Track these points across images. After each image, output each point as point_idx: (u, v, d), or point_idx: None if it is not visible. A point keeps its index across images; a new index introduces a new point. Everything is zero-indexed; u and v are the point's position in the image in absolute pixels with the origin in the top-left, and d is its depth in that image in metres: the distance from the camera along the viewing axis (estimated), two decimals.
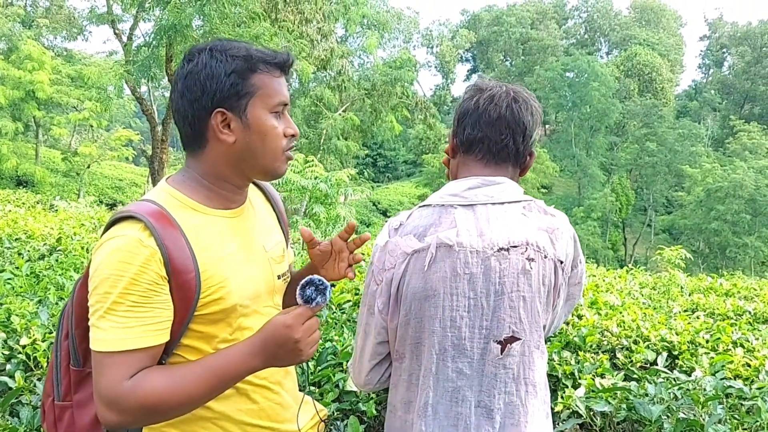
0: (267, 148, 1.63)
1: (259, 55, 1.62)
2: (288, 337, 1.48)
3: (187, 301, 1.53)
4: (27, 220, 8.53)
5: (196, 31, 18.28)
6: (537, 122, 1.82)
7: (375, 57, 31.90)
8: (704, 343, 3.81)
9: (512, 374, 1.68)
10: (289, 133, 1.66)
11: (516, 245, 1.65)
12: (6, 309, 3.49)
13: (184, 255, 1.52)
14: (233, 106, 1.60)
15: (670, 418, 2.54)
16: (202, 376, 1.48)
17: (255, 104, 1.61)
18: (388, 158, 67.60)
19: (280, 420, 1.74)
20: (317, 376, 3.04)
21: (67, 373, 1.65)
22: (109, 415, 1.45)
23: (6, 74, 33.42)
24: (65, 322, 1.67)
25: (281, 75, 1.66)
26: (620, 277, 7.27)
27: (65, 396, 1.65)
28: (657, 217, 56.26)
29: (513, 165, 1.82)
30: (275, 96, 1.62)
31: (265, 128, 1.62)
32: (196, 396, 1.48)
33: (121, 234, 1.49)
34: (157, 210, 1.55)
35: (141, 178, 41.69)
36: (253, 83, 1.60)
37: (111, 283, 1.44)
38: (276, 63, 1.64)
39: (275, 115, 1.63)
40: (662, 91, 69.41)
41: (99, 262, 1.47)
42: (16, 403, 2.66)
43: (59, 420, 1.65)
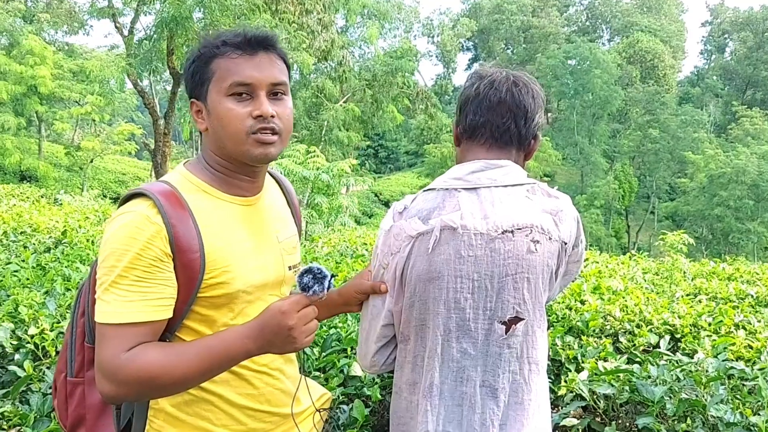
0: (226, 132, 1.61)
1: (221, 39, 1.61)
2: (282, 323, 1.48)
3: (191, 280, 1.55)
4: (32, 214, 8.57)
5: (196, 23, 18.27)
6: (539, 105, 1.83)
7: (375, 47, 31.85)
8: (706, 326, 3.83)
9: (516, 354, 1.71)
10: (255, 114, 1.60)
11: (521, 228, 1.67)
12: (13, 300, 3.53)
13: (190, 235, 1.54)
14: (199, 94, 1.64)
15: (673, 399, 2.56)
16: (198, 355, 1.49)
17: (212, 89, 1.61)
18: (390, 149, 67.46)
19: (280, 405, 1.76)
20: (322, 362, 3.07)
21: (81, 350, 1.68)
22: (105, 386, 1.47)
23: (8, 69, 33.39)
24: (82, 300, 1.70)
25: (242, 55, 1.61)
26: (623, 263, 7.28)
27: (78, 372, 1.67)
28: (660, 204, 56.17)
29: (517, 149, 1.83)
30: (228, 77, 1.59)
31: (220, 111, 1.60)
32: (190, 374, 1.49)
33: (131, 210, 1.52)
34: (168, 190, 1.58)
35: (144, 172, 41.71)
36: (210, 68, 1.61)
37: (117, 257, 1.47)
38: (233, 44, 1.60)
39: (235, 97, 1.60)
40: (664, 78, 69.15)
41: (108, 236, 1.51)
42: (25, 391, 2.70)
43: (70, 396, 1.68)
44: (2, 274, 4.42)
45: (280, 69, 1.65)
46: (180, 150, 49.81)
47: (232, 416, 1.67)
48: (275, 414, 1.75)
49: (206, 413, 1.64)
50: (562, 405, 3.02)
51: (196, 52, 1.63)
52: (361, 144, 37.93)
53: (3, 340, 3.02)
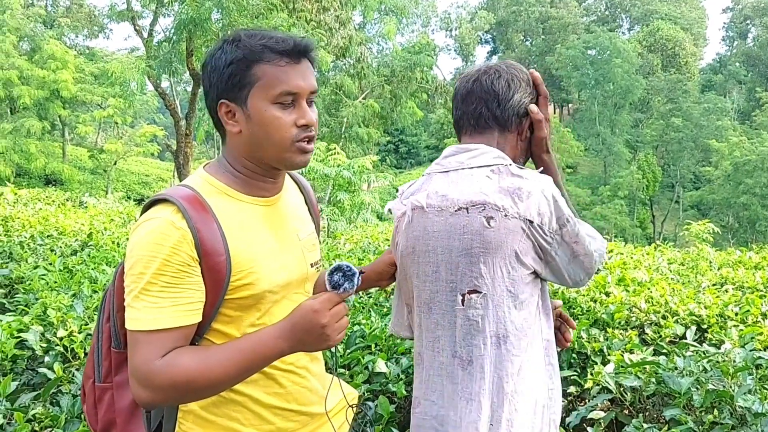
0: (271, 139, 1.61)
1: (263, 44, 1.59)
2: (315, 322, 1.49)
3: (218, 283, 1.55)
4: (58, 218, 8.65)
5: (215, 24, 18.35)
6: (514, 87, 1.88)
7: (393, 43, 31.77)
8: (733, 316, 3.80)
9: (478, 327, 1.76)
10: (300, 123, 1.61)
11: (475, 204, 1.75)
12: (42, 303, 3.57)
13: (215, 238, 1.54)
14: (235, 97, 1.60)
15: (700, 390, 2.55)
16: (232, 358, 1.50)
17: (255, 95, 1.59)
18: (410, 144, 67.39)
19: (307, 404, 1.76)
20: (347, 359, 3.09)
21: (108, 355, 1.68)
22: (141, 393, 1.48)
23: (30, 74, 33.78)
24: (107, 306, 1.71)
25: (289, 63, 1.60)
26: (648, 254, 7.22)
27: (106, 377, 1.69)
28: (685, 193, 55.69)
29: (500, 131, 1.89)
30: (278, 86, 1.58)
31: (265, 119, 1.59)
32: (225, 376, 1.50)
33: (155, 216, 1.53)
34: (191, 194, 1.58)
35: (167, 173, 42.02)
36: (253, 73, 1.58)
37: (144, 264, 1.48)
38: (281, 51, 1.59)
39: (280, 105, 1.59)
40: (686, 66, 68.54)
41: (134, 244, 1.52)
42: (56, 393, 2.74)
43: (99, 401, 1.69)
44: (30, 278, 4.48)
45: (314, 76, 1.67)
46: (202, 150, 50.12)
47: (261, 416, 1.67)
48: (303, 413, 1.75)
49: (235, 414, 1.64)
50: (588, 398, 3.01)
51: (234, 54, 1.59)
52: (381, 140, 37.84)
53: (33, 343, 3.07)
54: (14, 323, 3.19)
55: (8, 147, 32.63)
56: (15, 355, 2.99)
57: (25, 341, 3.09)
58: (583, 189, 54.69)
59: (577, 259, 1.83)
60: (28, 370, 3.05)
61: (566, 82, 65.42)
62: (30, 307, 3.66)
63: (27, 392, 2.69)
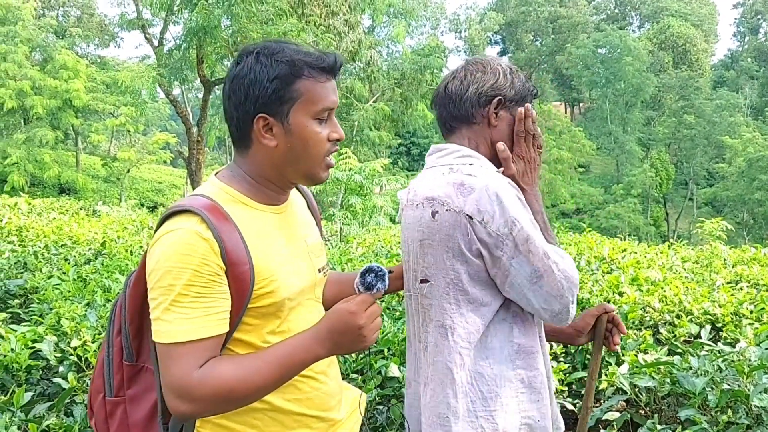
0: (308, 153, 1.63)
1: (304, 60, 1.61)
2: (352, 323, 1.52)
3: (242, 293, 1.56)
4: (71, 227, 8.70)
5: (224, 31, 18.43)
6: (468, 81, 1.97)
7: (403, 46, 31.80)
8: (748, 314, 3.77)
9: (428, 315, 1.87)
10: (333, 137, 1.66)
11: (428, 198, 1.86)
12: (56, 313, 3.59)
13: (239, 247, 1.55)
14: (275, 112, 1.60)
15: (715, 389, 2.53)
16: (270, 364, 1.51)
17: (298, 110, 1.60)
18: (422, 146, 67.13)
19: (326, 408, 1.77)
20: (359, 364, 3.08)
21: (120, 369, 1.67)
22: (180, 406, 1.47)
23: (43, 84, 34.05)
24: (117, 319, 1.70)
25: (328, 79, 1.64)
26: (662, 253, 7.17)
27: (117, 391, 1.67)
28: (698, 191, 55.35)
29: (466, 126, 1.99)
30: (319, 102, 1.61)
31: (306, 134, 1.62)
32: (263, 384, 1.51)
33: (179, 227, 1.52)
34: (211, 204, 1.58)
35: (180, 180, 42.20)
36: (296, 89, 1.60)
37: (174, 276, 1.47)
38: (322, 67, 1.62)
39: (319, 120, 1.63)
40: (697, 62, 68.18)
41: (159, 256, 1.50)
42: (70, 403, 2.75)
43: (111, 416, 1.67)
44: (44, 287, 4.50)
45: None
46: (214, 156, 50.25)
47: (281, 423, 1.67)
48: (321, 419, 1.75)
49: (255, 421, 1.64)
50: (603, 399, 3.00)
51: (280, 69, 1.60)
52: (393, 143, 37.87)
53: (47, 353, 3.08)
54: (29, 333, 3.21)
55: (22, 157, 32.90)
56: (29, 366, 3.00)
57: (39, 351, 3.10)
58: (595, 188, 54.51)
59: (541, 280, 1.80)
60: (42, 380, 3.07)
61: (577, 81, 65.24)
62: (44, 317, 3.68)
63: (42, 402, 2.70)
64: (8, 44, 34.42)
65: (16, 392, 2.60)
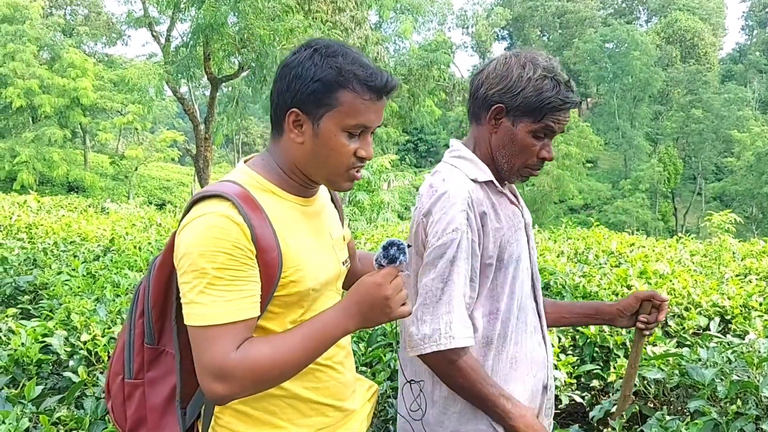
0: (330, 161, 1.63)
1: (355, 72, 1.59)
2: (379, 295, 1.54)
3: (270, 279, 1.57)
4: (80, 224, 8.73)
5: (231, 28, 18.43)
6: (483, 79, 1.97)
7: (410, 41, 31.74)
8: (757, 306, 3.77)
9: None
10: (360, 155, 1.65)
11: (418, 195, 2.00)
12: (65, 308, 3.61)
13: (269, 234, 1.56)
14: (309, 111, 1.61)
15: (724, 381, 2.52)
16: (303, 341, 1.53)
17: (331, 117, 1.60)
18: (429, 142, 67.21)
19: (341, 398, 1.78)
20: (369, 357, 3.09)
21: (141, 351, 1.68)
22: (218, 388, 1.47)
23: (51, 83, 34.18)
24: (140, 301, 1.70)
25: (372, 98, 1.61)
26: (670, 246, 7.16)
27: (137, 374, 1.68)
28: (707, 185, 55.15)
29: (476, 123, 2.02)
30: (355, 117, 1.60)
31: (332, 143, 1.61)
32: (298, 361, 1.53)
33: (210, 211, 1.52)
34: (241, 190, 1.59)
35: (188, 178, 42.28)
36: (336, 97, 1.58)
37: (208, 259, 1.48)
38: (369, 86, 1.60)
39: (349, 134, 1.62)
40: (705, 56, 67.88)
41: (191, 240, 1.50)
42: (80, 396, 2.77)
43: (129, 398, 1.68)
44: (54, 283, 4.52)
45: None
46: (221, 154, 50.35)
47: (298, 410, 1.68)
48: (337, 408, 1.76)
49: (273, 407, 1.66)
50: (612, 391, 3.00)
51: (327, 73, 1.59)
52: (400, 139, 37.83)
53: (57, 348, 3.10)
54: (39, 328, 3.23)
55: (31, 155, 33.03)
56: (40, 360, 3.02)
57: (49, 346, 3.12)
58: (603, 183, 54.38)
59: (423, 301, 1.87)
60: (53, 374, 3.09)
61: (584, 76, 65.00)
62: (54, 313, 3.70)
63: (52, 396, 2.72)
64: (16, 43, 34.55)
65: (27, 385, 2.62)
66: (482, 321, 1.94)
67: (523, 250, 2.02)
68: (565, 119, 1.94)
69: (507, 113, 1.92)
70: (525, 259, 2.03)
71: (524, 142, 1.93)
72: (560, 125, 1.93)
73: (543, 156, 1.95)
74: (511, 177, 2.01)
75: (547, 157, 1.96)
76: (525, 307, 2.02)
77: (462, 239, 1.84)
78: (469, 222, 1.86)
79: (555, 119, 1.90)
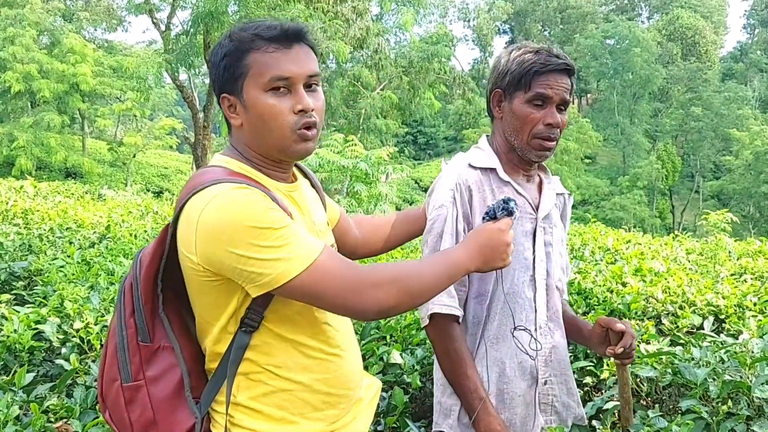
0: (269, 127, 1.60)
1: (253, 33, 1.59)
2: (502, 240, 1.66)
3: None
4: (77, 210, 8.71)
5: (232, 16, 18.39)
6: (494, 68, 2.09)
7: (411, 34, 31.66)
8: (752, 306, 3.76)
9: None
10: (296, 109, 1.60)
11: None
12: (59, 295, 3.59)
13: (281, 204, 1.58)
14: (233, 90, 1.61)
15: (716, 380, 2.52)
16: (438, 266, 1.61)
17: (249, 84, 1.59)
18: (428, 135, 67.14)
19: (350, 387, 1.77)
20: (362, 350, 3.08)
21: (137, 350, 1.61)
22: (368, 299, 1.52)
23: (50, 68, 34.06)
24: (127, 300, 1.63)
25: (279, 49, 1.59)
26: (666, 244, 7.15)
27: (136, 375, 1.60)
28: (705, 183, 55.22)
29: (491, 119, 2.13)
30: (267, 72, 1.58)
31: (260, 108, 1.59)
32: (426, 282, 1.57)
33: (226, 188, 1.51)
34: (234, 172, 1.61)
35: (186, 166, 42.22)
36: (245, 63, 1.58)
37: (259, 220, 1.47)
38: (269, 38, 1.59)
39: (274, 91, 1.59)
40: (706, 54, 67.82)
41: (228, 216, 1.47)
42: (71, 384, 2.76)
43: (131, 402, 1.60)
44: (49, 270, 4.51)
45: (314, 60, 1.66)
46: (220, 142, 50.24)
47: (310, 403, 1.66)
48: (346, 397, 1.75)
49: (284, 402, 1.64)
50: (604, 388, 3.00)
51: (227, 47, 1.60)
52: (400, 131, 37.80)
53: (50, 335, 3.09)
54: (32, 315, 3.22)
55: (29, 140, 32.92)
56: (32, 347, 3.01)
57: (42, 333, 3.11)
58: (602, 179, 54.36)
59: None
60: (45, 362, 3.08)
61: (585, 72, 64.90)
62: (48, 299, 3.69)
63: (43, 383, 2.71)
64: (16, 27, 34.41)
65: (18, 372, 2.61)
66: (472, 302, 2.05)
67: (522, 238, 2.06)
68: (557, 83, 1.98)
69: (503, 95, 2.03)
70: (523, 249, 2.07)
71: (523, 113, 1.99)
72: (553, 90, 1.98)
73: (548, 122, 1.99)
74: (528, 153, 2.05)
75: (552, 122, 1.99)
76: (516, 294, 2.05)
77: (448, 215, 1.99)
78: (454, 200, 1.99)
79: (544, 84, 1.97)
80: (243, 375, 1.62)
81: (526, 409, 2.08)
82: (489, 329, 2.03)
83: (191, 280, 1.59)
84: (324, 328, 1.68)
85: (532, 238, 2.09)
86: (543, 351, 2.10)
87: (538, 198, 2.14)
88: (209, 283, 1.55)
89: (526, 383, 2.07)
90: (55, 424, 2.40)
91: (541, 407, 2.11)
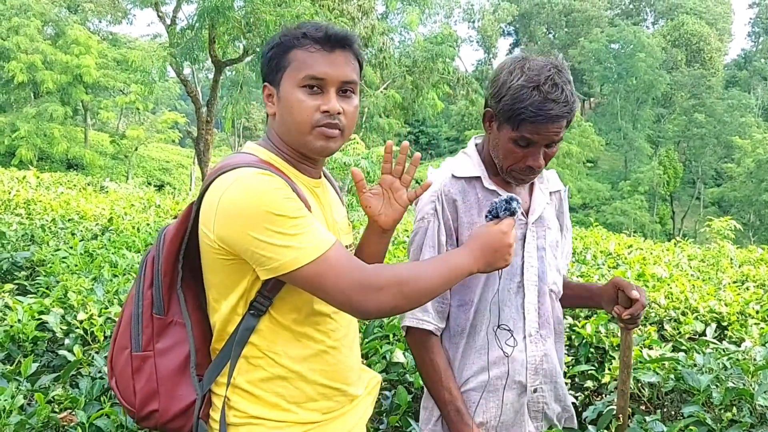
0: (292, 120, 1.66)
1: (303, 31, 1.66)
2: (504, 242, 1.67)
3: None
4: (79, 202, 8.73)
5: (237, 12, 18.37)
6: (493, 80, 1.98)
7: (416, 33, 31.62)
8: (754, 314, 3.77)
9: None
10: (322, 109, 1.64)
11: None
12: (63, 286, 3.60)
13: (300, 194, 1.61)
14: (273, 80, 1.69)
15: (719, 387, 2.53)
16: (440, 268, 1.61)
17: (286, 78, 1.66)
18: (431, 135, 67.16)
19: (348, 382, 1.78)
20: (365, 348, 3.09)
21: (150, 322, 1.68)
22: (368, 299, 1.53)
23: (54, 59, 34.06)
24: (148, 272, 1.70)
25: (320, 50, 1.65)
26: (668, 250, 7.17)
27: (146, 346, 1.67)
28: (706, 190, 55.19)
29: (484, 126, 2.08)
30: (303, 69, 1.63)
31: (291, 101, 1.65)
32: (430, 283, 1.58)
33: (249, 172, 1.56)
34: (261, 160, 1.65)
35: (187, 160, 42.22)
36: (287, 57, 1.66)
37: (277, 207, 1.51)
38: (313, 38, 1.65)
39: (306, 89, 1.64)
40: (710, 61, 67.80)
41: (242, 200, 1.52)
42: (75, 375, 2.76)
43: (138, 371, 1.67)
44: (51, 260, 4.51)
45: (353, 68, 1.70)
46: (222, 137, 50.21)
47: (305, 392, 1.69)
48: (342, 392, 1.77)
49: (281, 389, 1.66)
50: (606, 393, 3.00)
51: (276, 40, 1.69)
52: (402, 131, 37.76)
53: (53, 326, 3.09)
54: (35, 305, 3.22)
55: (31, 131, 32.95)
56: (36, 337, 3.02)
57: (45, 323, 3.12)
58: (603, 184, 54.35)
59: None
60: (48, 352, 3.08)
61: (589, 75, 64.93)
62: (51, 290, 3.69)
63: (47, 374, 2.71)
64: (21, 17, 34.42)
65: (23, 362, 2.62)
66: (455, 311, 2.03)
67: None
68: (548, 131, 1.85)
69: (493, 117, 1.96)
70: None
71: (506, 148, 1.93)
72: (541, 137, 1.86)
73: (529, 164, 1.92)
74: (508, 178, 2.02)
75: (533, 166, 1.92)
76: (502, 301, 2.03)
77: (429, 227, 2.00)
78: (435, 212, 2.00)
79: (532, 130, 1.85)
80: (244, 358, 1.65)
81: (515, 417, 2.07)
82: (473, 337, 2.03)
83: (206, 256, 1.63)
84: (327, 321, 1.72)
85: (522, 242, 2.07)
86: (533, 358, 2.08)
87: (528, 201, 2.11)
88: (223, 261, 1.59)
89: (515, 392, 2.06)
90: (60, 414, 2.41)
91: (531, 414, 2.10)
